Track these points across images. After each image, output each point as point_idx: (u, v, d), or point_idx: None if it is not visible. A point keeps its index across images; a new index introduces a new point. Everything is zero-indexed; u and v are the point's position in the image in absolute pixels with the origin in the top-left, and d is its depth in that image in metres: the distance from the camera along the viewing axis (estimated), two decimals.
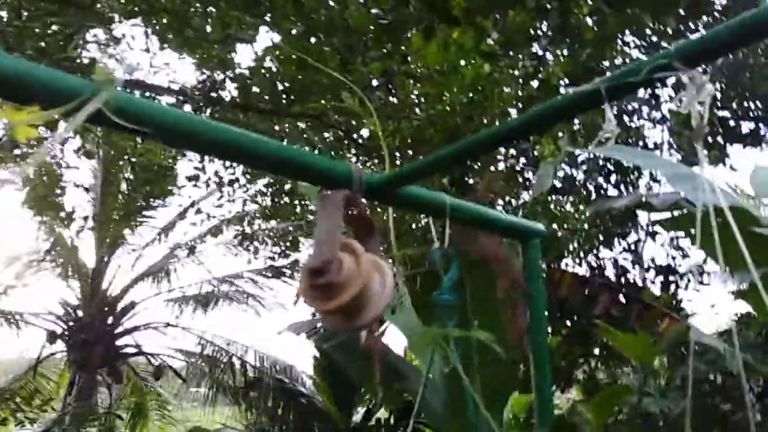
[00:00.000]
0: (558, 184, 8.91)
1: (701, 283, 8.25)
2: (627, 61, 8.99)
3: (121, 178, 9.03)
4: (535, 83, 5.76)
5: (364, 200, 1.10)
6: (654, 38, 8.47)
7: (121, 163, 8.86)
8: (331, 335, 7.19)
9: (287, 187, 6.46)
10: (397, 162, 4.58)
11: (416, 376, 7.02)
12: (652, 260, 8.76)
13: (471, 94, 4.56)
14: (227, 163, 4.63)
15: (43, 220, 10.44)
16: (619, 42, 8.43)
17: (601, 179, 9.24)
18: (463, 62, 4.47)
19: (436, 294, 1.28)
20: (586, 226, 8.32)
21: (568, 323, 8.42)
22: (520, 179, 8.04)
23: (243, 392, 10.36)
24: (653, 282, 8.61)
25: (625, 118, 9.22)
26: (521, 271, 1.71)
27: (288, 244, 6.90)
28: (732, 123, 8.77)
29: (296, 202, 6.94)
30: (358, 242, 1.03)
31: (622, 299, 6.39)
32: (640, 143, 9.01)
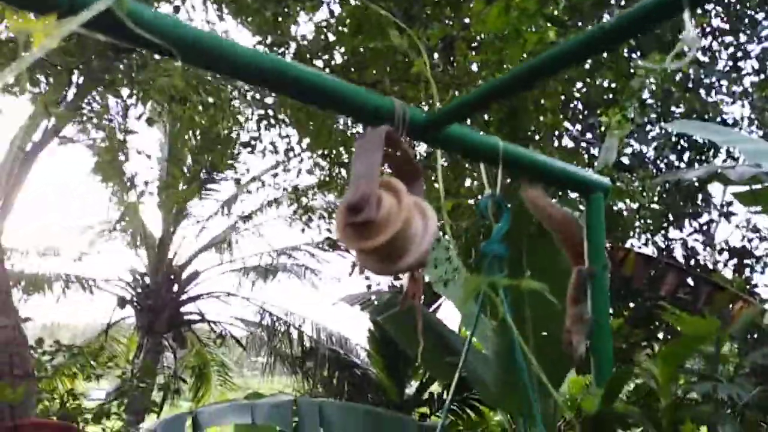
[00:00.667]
0: (626, 161, 8.50)
1: None
2: (708, 30, 8.41)
3: (185, 151, 9.27)
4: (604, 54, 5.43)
5: (407, 141, 1.02)
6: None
7: (186, 137, 9.10)
8: (385, 307, 7.19)
9: (344, 158, 6.43)
10: None
11: (470, 353, 6.90)
12: (726, 242, 8.26)
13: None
14: (283, 132, 4.65)
15: (114, 190, 10.91)
16: (699, 10, 7.89)
17: (673, 156, 8.74)
18: (525, 27, 4.26)
19: (485, 244, 1.19)
20: (654, 204, 7.91)
21: (631, 305, 8.09)
22: (585, 156, 7.71)
23: (299, 362, 10.60)
24: (726, 265, 8.13)
25: (702, 92, 8.65)
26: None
27: None
28: None
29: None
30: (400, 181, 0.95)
31: (691, 281, 6.05)
32: (718, 119, 8.43)
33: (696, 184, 8.13)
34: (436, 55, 5.31)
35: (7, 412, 2.06)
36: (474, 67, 5.09)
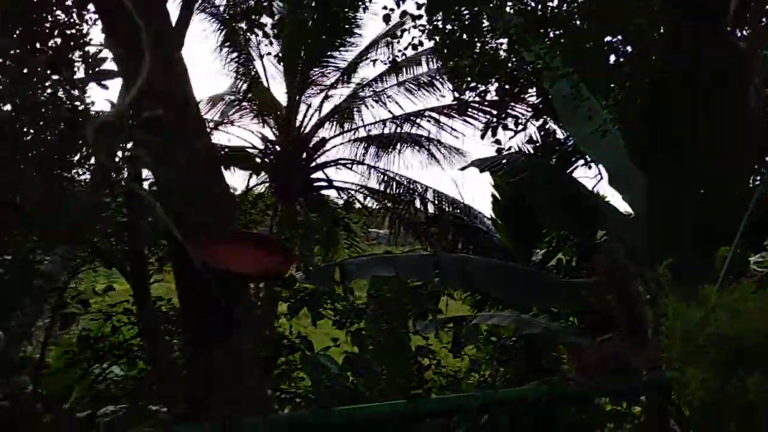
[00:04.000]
0: None
1: None
2: None
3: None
4: None
5: None
6: None
7: None
8: (519, 169, 6.96)
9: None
10: None
11: (613, 214, 6.57)
12: None
13: None
14: None
15: (240, 60, 11.15)
16: None
17: None
18: None
19: None
20: None
21: None
22: None
23: (424, 228, 10.85)
24: None
25: None
26: None
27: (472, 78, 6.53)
28: None
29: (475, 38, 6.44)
30: None
31: None
32: None
33: None
34: None
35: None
36: None
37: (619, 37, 4.65)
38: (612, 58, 4.78)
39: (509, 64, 6.85)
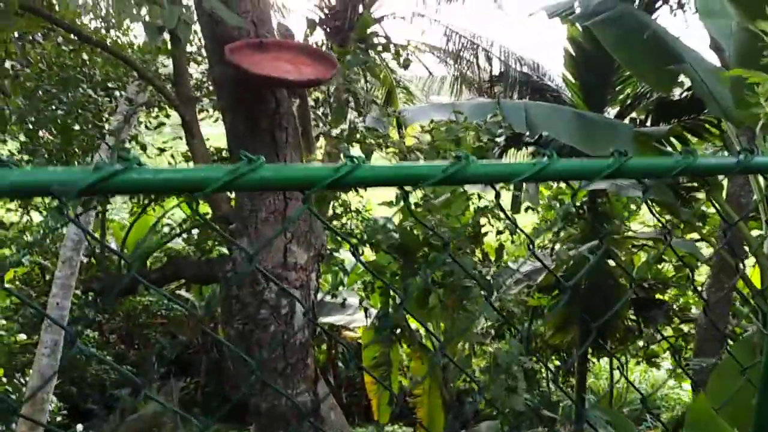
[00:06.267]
0: None
1: None
2: None
3: None
4: None
5: None
6: None
7: None
8: (597, 11, 6.31)
9: None
10: None
11: (696, 60, 5.96)
12: None
13: None
14: None
15: None
16: None
17: None
18: None
19: None
20: None
21: None
22: None
23: (488, 87, 10.33)
24: None
25: None
26: None
27: None
28: None
29: None
30: None
31: None
32: None
33: None
34: None
35: (252, 29, 2.06)
36: None
37: None
38: None
39: None
